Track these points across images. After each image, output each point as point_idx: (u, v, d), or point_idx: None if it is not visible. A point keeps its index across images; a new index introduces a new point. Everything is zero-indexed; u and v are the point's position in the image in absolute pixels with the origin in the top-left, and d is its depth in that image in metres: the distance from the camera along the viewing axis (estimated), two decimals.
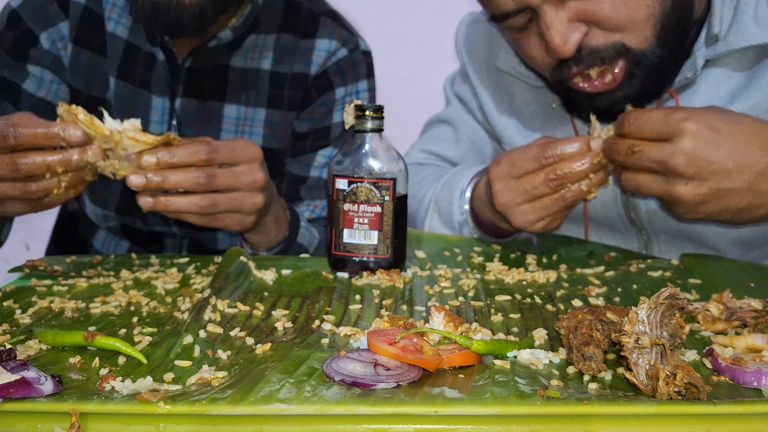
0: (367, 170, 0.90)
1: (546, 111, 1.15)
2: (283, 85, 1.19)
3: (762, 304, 0.74)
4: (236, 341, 0.70)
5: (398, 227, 0.92)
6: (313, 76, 1.20)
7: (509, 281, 0.91)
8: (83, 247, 1.32)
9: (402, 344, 0.62)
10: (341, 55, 1.21)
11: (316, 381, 0.59)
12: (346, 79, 1.22)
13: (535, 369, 0.63)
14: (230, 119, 1.19)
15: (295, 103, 1.21)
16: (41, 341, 0.69)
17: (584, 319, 0.66)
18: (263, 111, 1.19)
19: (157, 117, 1.17)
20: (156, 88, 1.16)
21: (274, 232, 1.04)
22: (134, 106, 1.17)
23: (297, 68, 1.20)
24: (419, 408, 0.54)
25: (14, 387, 0.55)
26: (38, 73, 1.14)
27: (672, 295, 0.60)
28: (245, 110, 1.19)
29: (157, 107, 1.17)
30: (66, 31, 1.15)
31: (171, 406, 0.54)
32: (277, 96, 1.19)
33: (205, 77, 1.17)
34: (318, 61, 1.20)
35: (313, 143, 1.22)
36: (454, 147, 1.29)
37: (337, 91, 1.22)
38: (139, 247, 1.28)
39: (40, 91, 1.14)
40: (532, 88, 1.17)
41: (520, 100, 1.18)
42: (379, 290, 0.87)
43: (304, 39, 1.20)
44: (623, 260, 1.01)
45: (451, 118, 1.30)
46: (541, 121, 1.16)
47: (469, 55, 1.25)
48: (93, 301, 0.82)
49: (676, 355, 0.60)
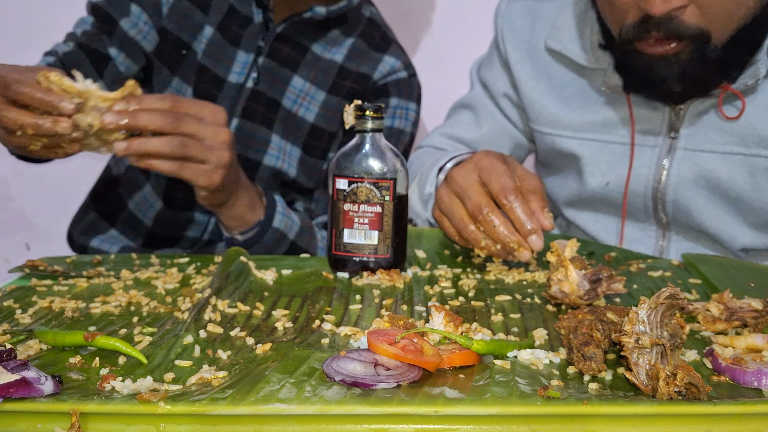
0: (368, 170, 0.90)
1: (586, 93, 1.15)
2: (348, 78, 1.33)
3: (762, 304, 0.74)
4: (236, 341, 0.70)
5: (398, 227, 0.92)
6: (375, 79, 1.34)
7: (509, 281, 0.91)
8: (119, 206, 1.37)
9: (402, 344, 0.62)
10: (402, 76, 1.35)
11: (316, 381, 0.59)
12: (402, 94, 1.35)
13: (535, 369, 0.63)
14: (294, 89, 1.31)
15: (352, 95, 1.32)
16: (41, 341, 0.69)
17: (584, 319, 0.66)
18: (323, 94, 1.32)
19: (238, 68, 1.29)
20: (245, 44, 1.29)
21: (249, 215, 1.08)
22: (221, 55, 1.29)
23: (363, 69, 1.33)
24: (419, 408, 0.54)
25: (14, 387, 0.55)
26: (137, 14, 1.26)
27: (672, 295, 0.60)
28: (309, 87, 1.31)
29: (240, 60, 1.29)
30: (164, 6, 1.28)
31: (171, 406, 0.54)
32: (339, 85, 1.32)
33: (288, 47, 1.30)
34: (382, 70, 1.34)
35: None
36: (473, 130, 1.30)
37: (392, 99, 1.34)
38: (170, 211, 1.33)
39: (132, 30, 1.26)
40: (574, 70, 1.17)
41: (559, 81, 1.18)
42: (380, 290, 0.87)
43: (375, 51, 1.35)
44: (623, 260, 1.01)
45: (473, 103, 1.32)
46: (580, 102, 1.15)
47: (510, 31, 1.25)
48: (93, 301, 0.82)
49: (677, 355, 0.60)
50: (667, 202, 1.10)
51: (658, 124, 1.09)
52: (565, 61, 1.17)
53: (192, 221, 1.34)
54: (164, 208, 1.33)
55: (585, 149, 1.15)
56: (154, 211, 1.34)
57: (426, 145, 1.35)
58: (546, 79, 1.20)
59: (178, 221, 1.34)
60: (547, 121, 1.19)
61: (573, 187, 1.19)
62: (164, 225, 1.33)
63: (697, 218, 1.09)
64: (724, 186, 1.06)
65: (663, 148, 1.09)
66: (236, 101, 1.29)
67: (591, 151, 1.15)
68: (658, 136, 1.09)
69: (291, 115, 1.30)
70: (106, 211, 1.39)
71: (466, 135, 1.31)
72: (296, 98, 1.31)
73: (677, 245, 1.13)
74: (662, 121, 1.09)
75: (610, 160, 1.13)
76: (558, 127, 1.18)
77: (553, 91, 1.19)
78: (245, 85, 1.29)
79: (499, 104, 1.29)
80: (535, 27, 1.22)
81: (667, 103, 1.07)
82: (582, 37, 1.15)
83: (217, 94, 1.29)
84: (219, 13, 1.30)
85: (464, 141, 1.31)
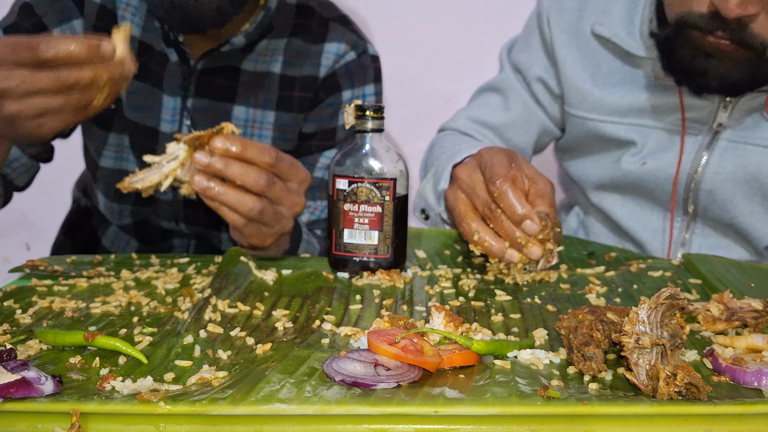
0: (368, 170, 0.90)
1: (633, 80, 1.14)
2: (293, 87, 1.21)
3: (762, 304, 0.74)
4: (236, 341, 0.70)
5: (399, 227, 0.92)
6: (322, 78, 1.22)
7: (509, 281, 0.91)
8: (93, 243, 1.33)
9: (402, 344, 0.62)
10: (349, 59, 1.23)
11: (316, 381, 0.59)
12: (354, 82, 1.23)
13: (535, 369, 0.63)
14: (239, 120, 1.20)
15: (304, 105, 1.22)
16: (42, 341, 0.69)
17: (585, 319, 0.66)
18: (272, 114, 1.21)
19: (169, 116, 1.19)
20: (168, 88, 1.18)
21: (275, 251, 1.04)
22: (147, 104, 1.18)
23: (306, 71, 1.21)
24: (419, 408, 0.54)
25: (15, 387, 0.55)
26: None
27: (672, 295, 0.60)
28: (254, 112, 1.20)
29: (169, 106, 1.18)
30: (80, 28, 1.16)
31: (171, 406, 0.54)
32: (287, 98, 1.21)
33: (216, 78, 1.18)
34: (327, 63, 1.22)
35: (318, 144, 1.23)
36: (501, 113, 1.27)
37: (344, 93, 1.23)
38: (147, 246, 1.29)
39: None
40: (621, 58, 1.15)
41: (606, 68, 1.17)
42: (380, 290, 0.87)
43: (314, 44, 1.22)
44: (624, 260, 1.01)
45: (503, 86, 1.29)
46: (627, 89, 1.14)
47: (558, 12, 1.22)
48: (93, 301, 0.82)
49: (677, 355, 0.60)
50: (702, 191, 1.10)
51: (705, 114, 1.09)
52: (613, 47, 1.15)
53: (172, 248, 1.29)
54: (141, 245, 1.29)
55: (631, 134, 1.14)
56: (132, 248, 1.29)
57: (449, 127, 1.32)
58: (592, 65, 1.18)
59: (158, 251, 1.28)
60: (590, 107, 1.17)
61: (606, 169, 1.18)
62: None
63: (731, 211, 1.09)
64: (764, 181, 1.06)
65: (706, 138, 1.09)
66: None
67: (636, 136, 1.14)
68: (704, 125, 1.09)
69: None
70: (82, 248, 1.34)
71: (493, 119, 1.28)
72: (244, 129, 1.20)
73: (700, 239, 1.13)
74: (710, 111, 1.08)
75: (654, 146, 1.13)
76: (603, 113, 1.16)
77: (598, 77, 1.17)
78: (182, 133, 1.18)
79: (531, 88, 1.26)
80: (583, 11, 1.19)
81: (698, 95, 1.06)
82: (632, 24, 1.13)
83: (156, 148, 1.19)
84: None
85: (491, 125, 1.28)
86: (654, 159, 1.12)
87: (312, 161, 1.23)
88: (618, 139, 1.15)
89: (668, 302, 0.60)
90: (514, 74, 1.28)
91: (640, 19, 1.12)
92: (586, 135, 1.20)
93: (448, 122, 1.33)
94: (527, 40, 1.27)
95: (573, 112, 1.20)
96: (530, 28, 1.27)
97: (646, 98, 1.12)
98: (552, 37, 1.21)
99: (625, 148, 1.15)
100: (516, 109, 1.27)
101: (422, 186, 1.16)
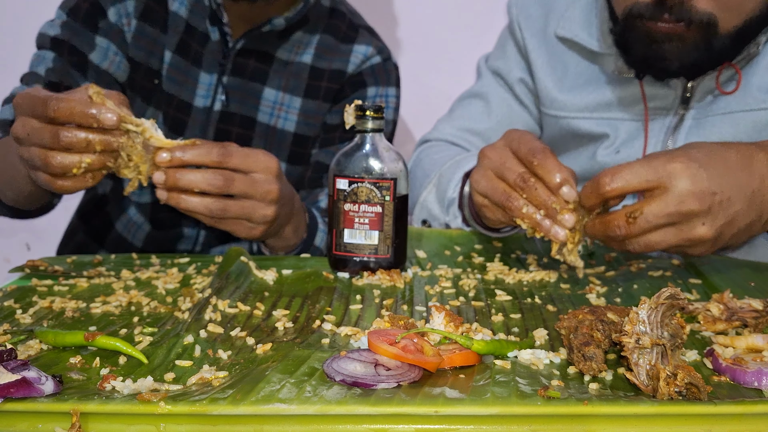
0: (368, 170, 0.90)
1: (599, 78, 1.18)
2: (321, 78, 1.29)
3: (762, 304, 0.74)
4: (237, 341, 0.70)
5: (399, 227, 0.92)
6: (349, 74, 1.30)
7: (509, 281, 0.91)
8: (106, 229, 1.36)
9: (402, 344, 0.62)
10: (375, 62, 1.31)
11: (316, 381, 0.59)
12: (378, 82, 1.31)
13: (535, 369, 0.63)
14: (267, 101, 1.27)
15: (329, 95, 1.29)
16: (42, 341, 0.69)
17: (585, 319, 0.66)
18: (299, 100, 1.28)
19: (203, 91, 1.26)
20: (206, 65, 1.26)
21: (293, 240, 1.06)
22: (184, 78, 1.25)
23: (335, 65, 1.29)
24: (420, 408, 0.54)
25: (15, 387, 0.55)
26: (104, 45, 1.21)
27: (672, 295, 0.60)
28: (282, 96, 1.28)
29: (204, 82, 1.26)
30: (132, 8, 1.24)
31: (171, 406, 0.54)
32: (315, 87, 1.29)
33: (251, 60, 1.26)
34: (355, 61, 1.30)
35: (342, 135, 1.30)
36: (485, 119, 1.31)
37: (369, 89, 1.30)
38: (158, 232, 1.32)
39: (104, 62, 1.21)
40: (586, 57, 1.20)
41: (573, 71, 1.21)
42: (380, 290, 0.87)
43: (344, 43, 1.30)
44: (623, 260, 1.01)
45: (484, 92, 1.32)
46: (594, 86, 1.19)
47: (526, 20, 1.27)
48: (94, 301, 0.82)
49: (677, 355, 0.60)
50: None
51: (669, 101, 1.12)
52: (577, 48, 1.20)
53: (182, 237, 1.32)
54: (152, 229, 1.32)
55: (603, 128, 1.18)
56: (143, 233, 1.32)
57: (434, 138, 1.34)
58: (561, 67, 1.22)
59: (168, 239, 1.32)
60: (562, 106, 1.21)
61: (582, 164, 1.21)
62: (154, 245, 1.32)
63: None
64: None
65: (673, 122, 1.12)
66: (206, 126, 1.26)
67: (607, 129, 1.17)
68: (669, 111, 1.13)
69: (270, 129, 1.28)
70: (94, 232, 1.36)
71: (478, 125, 1.31)
72: (272, 111, 1.28)
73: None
74: (673, 99, 1.12)
75: (624, 137, 1.16)
76: (573, 111, 1.20)
77: (566, 79, 1.22)
78: (213, 108, 1.26)
79: (514, 90, 1.30)
80: (548, 18, 1.25)
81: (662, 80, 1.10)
82: (591, 24, 1.18)
83: (186, 120, 1.26)
84: (176, 33, 1.25)
85: (476, 131, 1.31)
86: (626, 147, 1.16)
87: (335, 151, 1.28)
88: (591, 134, 1.19)
89: (668, 302, 0.60)
90: (494, 79, 1.32)
91: (598, 19, 1.17)
92: (561, 132, 1.24)
93: (431, 133, 1.36)
94: (503, 49, 1.32)
95: (548, 112, 1.25)
96: (504, 38, 1.33)
97: (611, 93, 1.17)
98: (525, 42, 1.27)
99: (598, 142, 1.19)
100: (499, 113, 1.31)
101: (423, 197, 1.18)
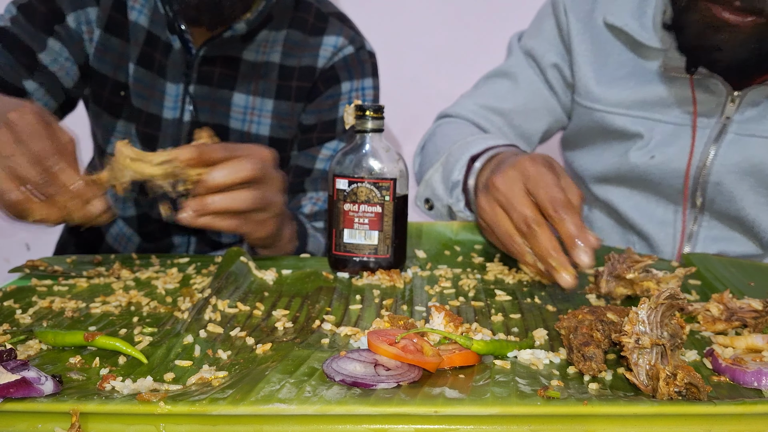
0: (368, 170, 0.90)
1: (642, 72, 1.14)
2: (291, 77, 1.24)
3: (762, 304, 0.74)
4: (236, 341, 0.70)
5: (398, 227, 0.92)
6: (321, 69, 1.24)
7: (509, 281, 0.91)
8: (97, 242, 1.35)
9: (402, 344, 0.62)
10: (348, 52, 1.25)
11: (316, 381, 0.59)
12: (353, 75, 1.25)
13: (535, 369, 0.63)
14: (238, 107, 1.23)
15: (302, 94, 1.24)
16: (41, 341, 0.69)
17: (584, 320, 0.66)
18: (271, 102, 1.24)
19: (171, 103, 1.22)
20: (171, 75, 1.21)
21: (289, 247, 1.05)
22: (151, 91, 1.22)
23: (304, 61, 1.24)
24: (419, 408, 0.54)
25: (14, 387, 0.55)
26: (57, 49, 1.17)
27: (672, 295, 0.60)
28: (253, 100, 1.23)
29: (171, 93, 1.22)
30: (94, 16, 1.20)
31: (171, 406, 0.54)
32: (285, 87, 1.24)
33: (217, 67, 1.22)
34: (325, 55, 1.24)
35: (319, 136, 1.26)
36: (510, 99, 1.26)
37: (343, 85, 1.25)
38: (148, 244, 1.31)
39: (53, 65, 1.17)
40: (632, 49, 1.15)
41: (615, 62, 1.17)
42: (380, 290, 0.87)
43: (312, 36, 1.24)
44: None
45: (513, 71, 1.27)
46: (636, 81, 1.14)
47: (573, 1, 1.22)
48: (93, 301, 0.82)
49: (677, 355, 0.60)
50: (710, 183, 1.10)
51: (713, 107, 1.09)
52: (624, 38, 1.15)
53: (172, 246, 1.31)
54: (142, 242, 1.31)
55: (638, 126, 1.14)
56: (134, 245, 1.32)
57: (455, 114, 1.29)
58: (603, 56, 1.18)
59: (159, 250, 1.31)
60: (597, 98, 1.17)
61: (611, 162, 1.18)
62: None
63: (737, 203, 1.09)
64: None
65: (715, 131, 1.09)
66: (178, 138, 1.23)
67: (643, 129, 1.13)
68: (711, 119, 1.09)
69: (244, 135, 1.24)
70: (86, 245, 1.35)
71: (501, 104, 1.26)
72: (243, 116, 1.23)
73: (707, 231, 1.14)
74: (718, 104, 1.08)
75: (660, 139, 1.13)
76: (608, 105, 1.16)
77: (608, 69, 1.17)
78: (183, 120, 1.22)
79: (545, 74, 1.25)
80: (596, 2, 1.19)
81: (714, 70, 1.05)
82: (644, 15, 1.13)
83: (158, 135, 1.23)
84: (137, 45, 1.21)
85: (500, 110, 1.26)
86: (661, 152, 1.12)
87: (314, 153, 1.25)
88: (624, 132, 1.15)
89: (668, 302, 0.60)
90: (525, 59, 1.27)
91: (653, 10, 1.12)
92: (591, 126, 1.20)
93: (452, 108, 1.30)
94: (540, 27, 1.26)
95: (581, 101, 1.20)
96: (544, 15, 1.27)
97: (655, 91, 1.12)
98: (569, 25, 1.21)
99: (630, 141, 1.15)
100: (526, 95, 1.26)
101: (429, 175, 1.14)
